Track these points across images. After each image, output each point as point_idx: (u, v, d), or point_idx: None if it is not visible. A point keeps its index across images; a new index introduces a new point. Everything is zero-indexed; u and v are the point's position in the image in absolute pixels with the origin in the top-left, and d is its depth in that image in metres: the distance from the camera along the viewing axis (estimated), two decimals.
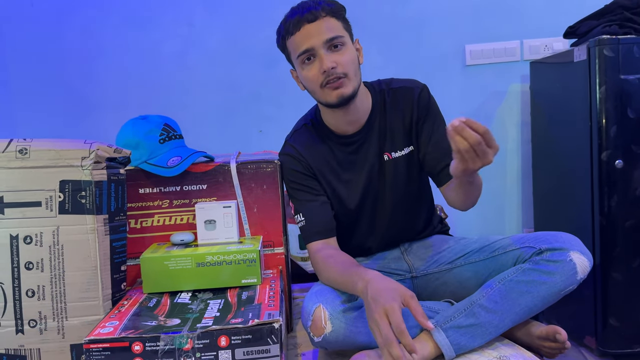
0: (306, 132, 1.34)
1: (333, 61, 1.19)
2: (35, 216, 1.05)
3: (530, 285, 1.10)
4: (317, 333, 1.09)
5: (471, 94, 2.23)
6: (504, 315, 1.10)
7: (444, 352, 1.09)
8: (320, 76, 1.20)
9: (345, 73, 1.20)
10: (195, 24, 2.19)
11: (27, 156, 1.05)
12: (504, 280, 1.12)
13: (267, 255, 1.28)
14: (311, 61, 1.21)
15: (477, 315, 1.10)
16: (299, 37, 1.20)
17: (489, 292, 1.12)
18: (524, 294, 1.10)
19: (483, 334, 1.11)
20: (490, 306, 1.10)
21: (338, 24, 1.22)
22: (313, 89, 1.24)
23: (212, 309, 1.03)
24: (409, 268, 1.34)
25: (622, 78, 1.67)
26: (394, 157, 1.30)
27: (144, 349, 0.92)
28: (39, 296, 1.05)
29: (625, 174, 1.68)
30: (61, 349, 1.06)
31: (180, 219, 1.27)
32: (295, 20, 1.21)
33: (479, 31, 2.22)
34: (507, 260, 1.19)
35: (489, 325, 1.10)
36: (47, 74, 2.17)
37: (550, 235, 1.16)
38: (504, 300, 1.10)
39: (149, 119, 1.30)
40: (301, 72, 1.24)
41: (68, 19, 2.15)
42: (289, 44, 1.24)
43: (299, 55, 1.21)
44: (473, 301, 1.12)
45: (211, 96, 2.22)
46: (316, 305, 1.10)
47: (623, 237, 1.70)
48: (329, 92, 1.21)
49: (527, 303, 1.10)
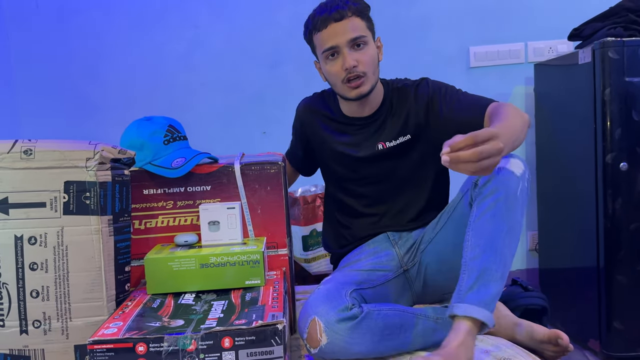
0: (320, 98, 1.50)
1: (355, 59, 1.29)
2: (40, 217, 1.05)
3: (489, 211, 1.08)
4: (313, 345, 1.10)
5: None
6: (492, 249, 1.06)
7: (477, 316, 1.02)
8: (342, 72, 1.31)
9: (364, 72, 1.31)
10: (200, 26, 2.19)
11: (31, 157, 1.05)
12: (470, 224, 1.10)
13: (271, 256, 1.28)
14: (335, 57, 1.32)
15: (474, 268, 1.06)
16: (325, 34, 1.30)
17: (468, 244, 1.09)
18: (490, 220, 1.07)
19: (493, 278, 1.05)
20: (477, 252, 1.07)
21: (362, 23, 1.32)
22: (334, 83, 1.35)
23: (216, 310, 1.03)
24: (399, 263, 1.36)
25: (627, 80, 1.66)
26: (389, 146, 1.39)
27: (147, 349, 0.92)
28: (43, 297, 1.05)
29: (630, 177, 1.68)
30: (65, 350, 1.06)
31: (184, 220, 1.27)
32: (323, 18, 1.30)
33: (484, 33, 2.22)
34: (464, 210, 1.19)
35: (490, 266, 1.06)
36: (52, 75, 2.18)
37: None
38: (481, 238, 1.07)
39: (154, 120, 1.31)
40: (325, 66, 1.35)
41: (73, 21, 2.16)
42: (316, 39, 1.34)
43: (324, 51, 1.32)
44: (464, 262, 1.09)
45: (215, 97, 2.22)
46: (311, 318, 1.11)
47: (627, 240, 1.69)
48: (349, 89, 1.32)
49: (500, 226, 1.07)
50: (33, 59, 2.16)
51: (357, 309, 1.12)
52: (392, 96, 1.41)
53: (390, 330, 1.11)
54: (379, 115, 1.41)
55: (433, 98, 1.36)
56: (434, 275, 1.33)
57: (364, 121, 1.41)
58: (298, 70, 2.20)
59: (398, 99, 1.41)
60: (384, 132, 1.40)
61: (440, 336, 1.15)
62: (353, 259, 1.39)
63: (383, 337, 1.10)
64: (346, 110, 1.43)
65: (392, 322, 1.12)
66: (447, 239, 1.28)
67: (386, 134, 1.39)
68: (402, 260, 1.36)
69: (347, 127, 1.44)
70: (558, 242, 2.01)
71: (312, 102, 1.51)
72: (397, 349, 1.12)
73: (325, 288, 1.19)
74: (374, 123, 1.41)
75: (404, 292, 1.34)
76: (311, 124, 1.49)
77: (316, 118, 1.48)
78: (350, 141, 1.42)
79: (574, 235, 1.89)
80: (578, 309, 1.83)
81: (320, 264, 1.87)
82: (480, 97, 1.33)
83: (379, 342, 1.10)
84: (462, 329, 1.01)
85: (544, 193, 2.15)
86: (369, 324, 1.10)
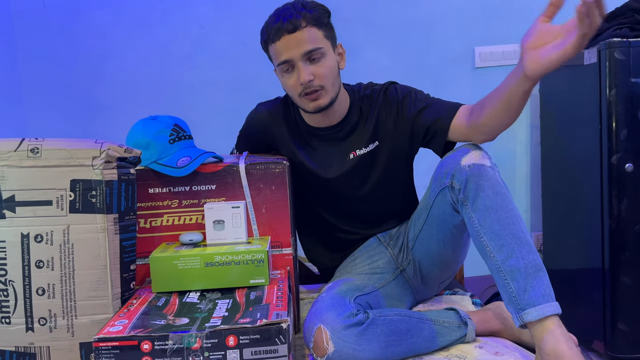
0: (280, 106, 1.42)
1: (310, 73, 1.23)
2: (46, 215, 1.06)
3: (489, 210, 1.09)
4: (320, 354, 1.09)
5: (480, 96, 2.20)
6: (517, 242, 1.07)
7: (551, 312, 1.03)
8: (298, 87, 1.25)
9: (322, 85, 1.25)
10: (205, 25, 2.20)
11: (38, 155, 1.06)
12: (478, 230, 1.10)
13: (275, 255, 1.28)
14: (290, 71, 1.26)
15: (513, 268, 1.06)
16: (279, 46, 1.24)
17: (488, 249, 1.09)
18: (495, 218, 1.08)
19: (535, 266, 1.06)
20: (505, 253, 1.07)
21: (319, 33, 1.24)
22: (292, 95, 1.30)
23: (221, 309, 1.03)
24: (394, 264, 1.36)
25: (632, 81, 1.66)
26: (359, 154, 1.36)
27: (152, 347, 0.92)
28: (49, 294, 1.05)
29: (636, 178, 1.67)
30: (70, 347, 1.06)
31: (189, 219, 1.28)
32: (276, 27, 1.23)
33: (489, 33, 2.21)
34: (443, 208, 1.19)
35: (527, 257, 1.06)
36: (58, 74, 2.18)
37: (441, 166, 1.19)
38: (500, 238, 1.08)
39: (159, 119, 1.31)
40: (281, 78, 1.30)
41: (79, 20, 2.17)
42: (271, 49, 1.28)
43: (279, 64, 1.26)
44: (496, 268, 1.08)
45: (220, 97, 2.23)
46: (316, 326, 1.10)
47: (633, 241, 1.69)
48: (307, 102, 1.27)
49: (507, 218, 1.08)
50: (39, 57, 2.17)
51: (363, 315, 1.11)
52: (361, 103, 1.37)
53: (396, 336, 1.11)
54: (346, 124, 1.36)
55: (403, 101, 1.33)
56: (428, 268, 1.34)
57: (330, 130, 1.36)
58: None
59: (368, 105, 1.36)
60: (354, 140, 1.36)
61: (445, 340, 1.15)
62: (348, 266, 1.39)
63: (389, 343, 1.10)
64: (310, 121, 1.37)
65: (398, 328, 1.12)
66: (431, 234, 1.28)
67: (357, 141, 1.35)
68: (397, 260, 1.37)
69: (313, 139, 1.37)
70: (563, 243, 2.00)
71: (274, 109, 1.41)
72: (404, 354, 1.12)
73: (329, 296, 1.18)
74: (341, 131, 1.36)
75: (405, 291, 1.35)
76: (273, 134, 1.40)
77: (280, 128, 1.39)
78: (318, 158, 1.37)
79: (578, 236, 1.89)
80: (583, 310, 1.83)
81: None
82: (451, 102, 1.32)
83: (386, 348, 1.10)
84: (552, 329, 1.02)
85: (549, 194, 2.14)
86: (375, 330, 1.10)
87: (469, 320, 1.18)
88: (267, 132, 1.42)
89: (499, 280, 1.08)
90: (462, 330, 1.17)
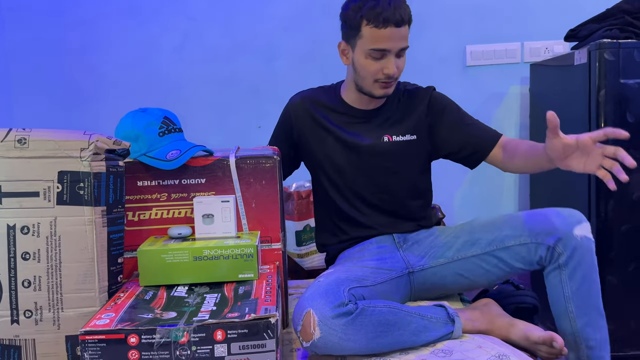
0: (318, 90, 1.51)
1: (397, 67, 1.33)
2: (33, 206, 1.04)
3: (584, 282, 1.20)
4: (306, 338, 1.09)
5: (471, 94, 2.23)
6: (598, 313, 1.23)
7: None
8: (380, 74, 1.33)
9: (397, 77, 1.37)
10: (196, 18, 2.18)
11: (25, 146, 1.04)
12: (567, 295, 1.21)
13: (265, 250, 1.28)
14: (379, 58, 1.32)
15: (589, 337, 1.22)
16: (383, 34, 1.29)
17: (571, 315, 1.22)
18: (587, 290, 1.20)
19: (605, 337, 1.25)
20: (585, 321, 1.22)
21: (408, 33, 1.35)
22: (364, 77, 1.35)
23: (209, 303, 1.02)
24: (405, 265, 1.35)
25: (622, 82, 1.67)
26: (394, 140, 1.42)
27: (139, 341, 0.91)
28: (35, 287, 1.04)
29: None
30: (56, 340, 1.05)
31: (178, 212, 1.27)
32: (385, 16, 1.27)
33: (480, 32, 2.22)
34: (518, 252, 1.25)
35: (602, 326, 1.24)
36: (46, 65, 2.16)
37: (546, 222, 1.23)
38: (585, 307, 1.21)
39: (149, 111, 1.30)
40: (362, 59, 1.33)
41: (67, 11, 2.14)
42: (366, 30, 1.30)
43: (373, 49, 1.30)
44: (571, 332, 1.22)
45: (211, 90, 2.21)
46: (306, 310, 1.10)
47: (619, 241, 1.71)
48: (378, 88, 1.36)
49: (595, 290, 1.21)
50: (27, 49, 2.14)
51: (352, 305, 1.11)
52: (402, 95, 1.46)
53: (384, 327, 1.11)
54: (384, 111, 1.44)
55: (447, 107, 1.44)
56: (447, 283, 1.35)
57: (369, 114, 1.44)
58: (294, 65, 2.20)
59: (410, 99, 1.45)
60: (391, 126, 1.43)
61: (432, 335, 1.16)
62: (355, 255, 1.38)
63: (377, 334, 1.10)
64: (350, 99, 1.45)
65: (387, 320, 1.12)
66: (477, 264, 1.30)
67: (394, 128, 1.43)
68: (409, 263, 1.36)
69: (352, 118, 1.45)
70: None
71: (311, 94, 1.50)
72: (389, 346, 1.13)
73: (326, 282, 1.18)
74: (378, 117, 1.44)
75: (403, 290, 1.34)
76: (308, 117, 1.47)
77: (317, 110, 1.47)
78: (355, 130, 1.43)
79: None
80: None
81: (314, 259, 1.87)
82: (491, 128, 1.45)
83: (372, 340, 1.10)
84: None
85: (537, 194, 2.16)
86: (363, 320, 1.10)
87: (456, 318, 1.19)
88: (299, 115, 1.48)
89: (572, 342, 1.23)
90: (448, 327, 1.18)
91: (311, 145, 1.48)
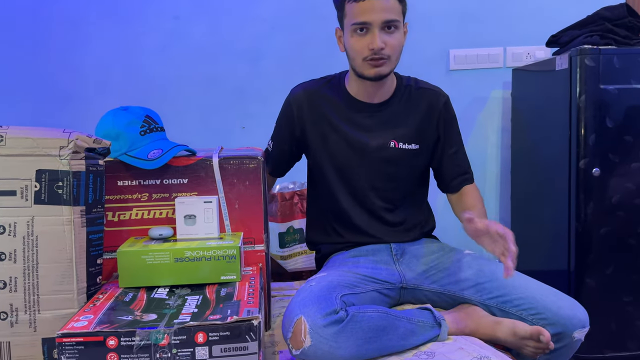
0: (321, 82, 1.45)
1: (383, 42, 1.27)
2: (10, 205, 1.02)
3: None
4: (296, 346, 1.07)
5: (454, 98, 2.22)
6: None
7: None
8: (367, 51, 1.28)
9: (389, 55, 1.30)
10: (180, 17, 2.16)
11: (2, 144, 1.02)
12: None
13: (247, 252, 1.27)
14: (363, 33, 1.28)
15: None
16: (362, 6, 1.26)
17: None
18: None
19: None
20: None
21: (399, 6, 1.31)
22: (354, 57, 1.32)
23: (190, 305, 1.01)
24: (400, 278, 1.34)
25: (601, 88, 1.70)
26: (400, 147, 1.41)
27: (118, 343, 0.90)
28: (11, 288, 1.02)
29: (602, 182, 1.71)
30: (32, 343, 1.03)
31: (160, 213, 1.25)
32: None
33: (464, 37, 2.24)
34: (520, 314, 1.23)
35: None
36: (26, 63, 2.12)
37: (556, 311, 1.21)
38: None
39: (130, 110, 1.28)
40: (349, 38, 1.31)
41: (47, 8, 2.10)
42: (348, 7, 1.29)
43: (354, 24, 1.28)
44: None
45: (194, 90, 2.19)
46: (297, 317, 1.08)
47: (598, 243, 1.73)
48: (369, 67, 1.30)
49: None
50: (7, 45, 2.10)
51: (343, 313, 1.10)
52: (412, 90, 1.43)
53: (373, 332, 1.10)
54: (389, 106, 1.41)
55: (454, 127, 1.47)
56: (437, 303, 1.34)
57: (374, 108, 1.40)
58: (279, 65, 2.19)
59: (419, 98, 1.43)
60: (397, 127, 1.40)
61: (419, 339, 1.16)
62: (350, 260, 1.36)
63: (366, 340, 1.09)
64: (355, 92, 1.40)
65: (376, 325, 1.11)
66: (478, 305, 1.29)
67: (400, 130, 1.40)
68: (404, 277, 1.34)
69: (357, 113, 1.41)
70: (530, 244, 2.04)
71: (314, 87, 1.44)
72: (378, 351, 1.12)
73: (318, 287, 1.16)
74: (384, 112, 1.41)
75: (392, 300, 1.34)
76: (311, 111, 1.41)
77: (321, 104, 1.41)
78: (361, 128, 1.40)
79: (546, 238, 1.93)
80: None
81: (297, 261, 1.86)
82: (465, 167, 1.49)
83: (362, 346, 1.09)
84: None
85: (518, 196, 2.18)
86: (354, 327, 1.09)
87: (442, 321, 1.19)
88: (302, 107, 1.42)
89: None
90: (435, 331, 1.18)
91: (314, 140, 1.43)
